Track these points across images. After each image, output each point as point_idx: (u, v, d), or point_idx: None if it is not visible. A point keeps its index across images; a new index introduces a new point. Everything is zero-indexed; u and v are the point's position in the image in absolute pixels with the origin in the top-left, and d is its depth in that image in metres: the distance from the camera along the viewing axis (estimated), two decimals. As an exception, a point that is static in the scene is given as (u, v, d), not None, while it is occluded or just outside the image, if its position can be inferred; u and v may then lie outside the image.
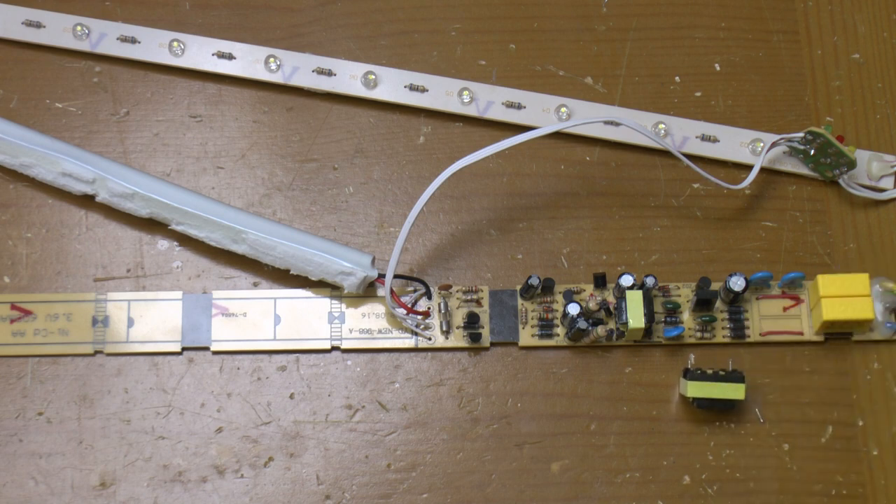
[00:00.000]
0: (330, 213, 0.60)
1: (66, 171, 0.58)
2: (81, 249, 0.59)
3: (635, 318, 0.55)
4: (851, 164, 0.58)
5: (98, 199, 0.58)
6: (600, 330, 0.56)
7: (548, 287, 0.57)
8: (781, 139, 0.59)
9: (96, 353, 0.57)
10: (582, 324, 0.56)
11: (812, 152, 0.59)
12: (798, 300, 0.58)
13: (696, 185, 0.60)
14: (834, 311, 0.55)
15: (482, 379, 0.57)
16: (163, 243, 0.59)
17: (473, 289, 0.58)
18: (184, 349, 0.57)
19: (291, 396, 0.57)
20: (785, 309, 0.57)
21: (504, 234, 0.60)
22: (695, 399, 0.55)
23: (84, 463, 0.56)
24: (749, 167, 0.59)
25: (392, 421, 0.57)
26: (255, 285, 0.58)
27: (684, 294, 0.58)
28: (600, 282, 0.58)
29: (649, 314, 0.55)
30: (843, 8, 0.63)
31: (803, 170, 0.60)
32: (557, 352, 0.57)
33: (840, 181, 0.59)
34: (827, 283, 0.56)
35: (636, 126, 0.56)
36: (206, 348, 0.57)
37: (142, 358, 0.57)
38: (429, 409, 0.57)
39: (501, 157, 0.61)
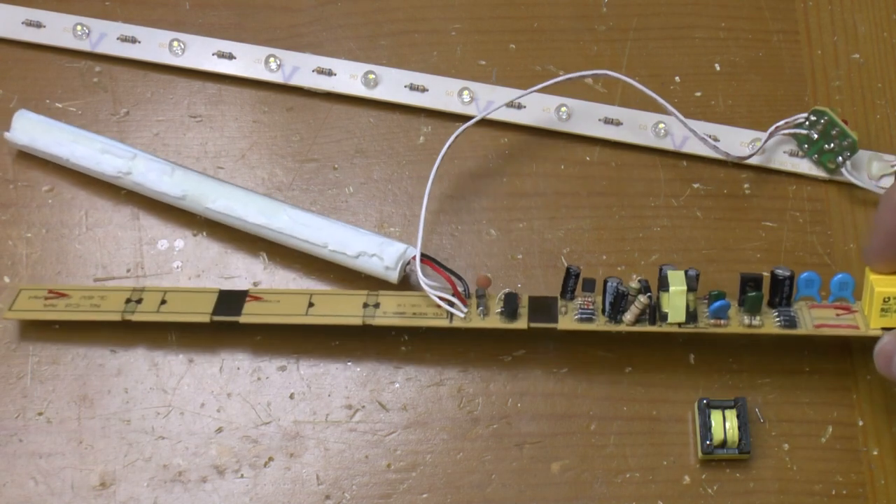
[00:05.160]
0: (330, 213, 0.60)
1: (105, 149, 0.58)
2: (81, 249, 0.59)
3: (677, 292, 0.53)
4: (854, 147, 0.58)
5: (131, 177, 0.58)
6: (643, 299, 0.53)
7: (588, 284, 0.55)
8: (786, 122, 0.59)
9: (125, 320, 0.56)
10: (623, 288, 0.53)
11: (815, 137, 0.59)
12: (849, 310, 0.55)
13: (696, 185, 0.60)
14: (887, 285, 0.53)
15: (482, 379, 0.57)
16: (163, 243, 0.59)
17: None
18: (213, 320, 0.56)
19: (291, 396, 0.57)
20: (837, 315, 0.55)
21: (504, 234, 0.60)
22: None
23: (84, 463, 0.56)
24: (749, 167, 0.60)
25: (392, 421, 0.57)
26: (255, 285, 0.58)
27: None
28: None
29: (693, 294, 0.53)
30: (843, 8, 0.63)
31: (803, 169, 0.60)
32: (558, 351, 0.57)
33: (843, 170, 0.59)
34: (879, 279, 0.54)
35: (636, 126, 0.56)
36: (236, 321, 0.56)
37: (142, 358, 0.57)
38: (429, 409, 0.57)
39: (501, 157, 0.61)
